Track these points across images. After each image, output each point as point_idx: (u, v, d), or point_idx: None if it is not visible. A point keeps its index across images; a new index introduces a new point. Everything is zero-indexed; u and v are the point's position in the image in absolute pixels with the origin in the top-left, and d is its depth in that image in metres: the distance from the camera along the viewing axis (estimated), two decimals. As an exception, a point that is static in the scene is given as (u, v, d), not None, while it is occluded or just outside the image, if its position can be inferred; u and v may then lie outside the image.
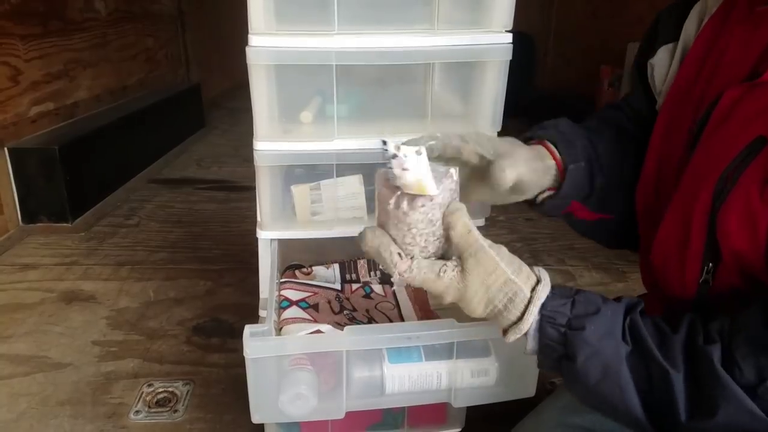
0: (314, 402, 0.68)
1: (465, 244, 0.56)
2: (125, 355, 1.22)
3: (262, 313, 0.97)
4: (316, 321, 0.83)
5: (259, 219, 0.93)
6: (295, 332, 0.79)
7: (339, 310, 0.90)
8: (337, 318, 0.87)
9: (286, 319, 0.83)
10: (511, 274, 0.55)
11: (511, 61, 0.83)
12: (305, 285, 0.94)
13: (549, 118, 0.72)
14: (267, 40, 0.78)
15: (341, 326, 0.74)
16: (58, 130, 1.93)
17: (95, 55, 2.20)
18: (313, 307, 0.89)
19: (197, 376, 1.16)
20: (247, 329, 0.68)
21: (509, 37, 0.83)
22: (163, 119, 2.56)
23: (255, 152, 0.85)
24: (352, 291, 0.96)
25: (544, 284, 0.55)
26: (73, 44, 2.06)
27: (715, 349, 0.49)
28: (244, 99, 0.86)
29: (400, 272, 0.57)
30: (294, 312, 0.86)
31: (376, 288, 0.97)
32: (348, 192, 0.92)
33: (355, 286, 0.97)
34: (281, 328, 0.81)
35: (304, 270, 0.98)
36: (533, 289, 0.55)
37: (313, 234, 0.93)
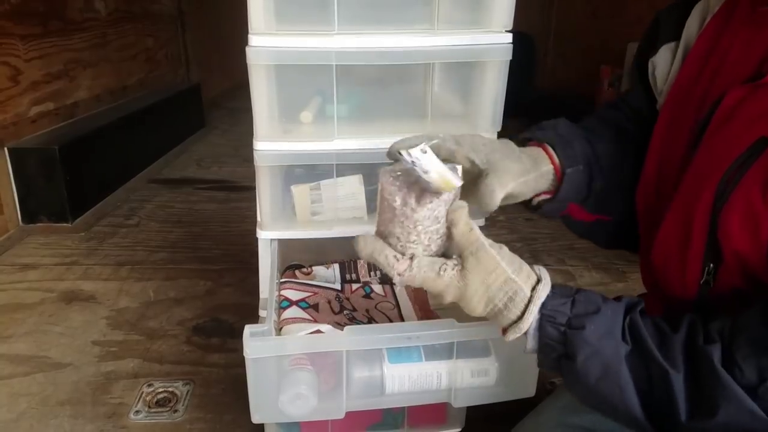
0: (314, 402, 0.68)
1: (466, 242, 0.56)
2: (125, 355, 1.22)
3: (262, 313, 0.97)
4: (316, 321, 0.83)
5: (259, 219, 0.93)
6: (295, 332, 0.79)
7: (339, 310, 0.90)
8: (337, 318, 0.87)
9: (286, 319, 0.83)
10: (512, 273, 0.55)
11: (511, 61, 0.84)
12: (305, 285, 0.94)
13: (549, 118, 0.71)
14: (267, 40, 0.78)
15: (341, 326, 0.74)
16: (58, 130, 1.93)
17: (95, 55, 2.20)
18: (313, 307, 0.89)
19: (197, 376, 1.16)
20: (247, 329, 0.68)
21: (509, 37, 0.83)
22: (163, 119, 2.56)
23: (255, 152, 0.85)
24: (352, 291, 0.96)
25: (545, 283, 0.55)
26: (73, 44, 2.05)
27: (716, 349, 0.48)
28: (244, 99, 0.86)
29: (399, 272, 0.57)
30: (294, 312, 0.86)
31: (376, 288, 0.97)
32: (348, 192, 0.92)
33: (355, 286, 0.97)
34: (281, 328, 0.81)
35: (304, 270, 0.98)
36: (533, 289, 0.55)
37: (313, 234, 0.93)
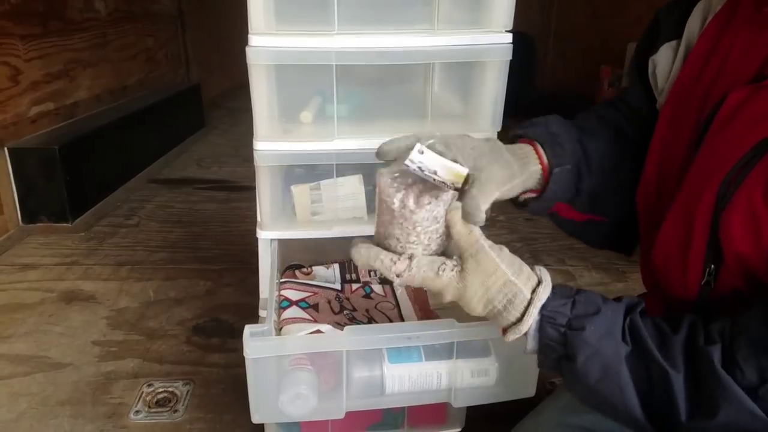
0: (314, 402, 0.68)
1: (465, 243, 0.56)
2: (125, 355, 1.22)
3: (262, 313, 0.97)
4: (316, 321, 0.83)
5: (259, 219, 0.93)
6: (295, 332, 0.78)
7: (339, 310, 0.90)
8: (337, 318, 0.87)
9: (286, 319, 0.83)
10: (512, 275, 0.55)
11: (511, 61, 0.83)
12: (305, 285, 0.94)
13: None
14: (267, 40, 0.78)
15: (341, 326, 0.74)
16: (58, 130, 1.93)
17: (95, 55, 2.20)
18: (313, 307, 0.89)
19: (197, 376, 1.16)
20: (247, 329, 0.68)
21: (509, 37, 0.83)
22: (163, 119, 2.56)
23: (255, 152, 0.85)
24: (352, 291, 0.96)
25: (545, 285, 0.55)
26: (73, 44, 2.05)
27: (716, 349, 0.48)
28: (244, 99, 0.86)
29: (399, 273, 0.57)
30: (294, 312, 0.85)
31: (376, 288, 0.97)
32: (348, 192, 0.92)
33: (355, 286, 0.97)
34: (281, 328, 0.81)
35: (304, 270, 0.98)
36: (534, 291, 0.55)
37: (313, 234, 0.93)
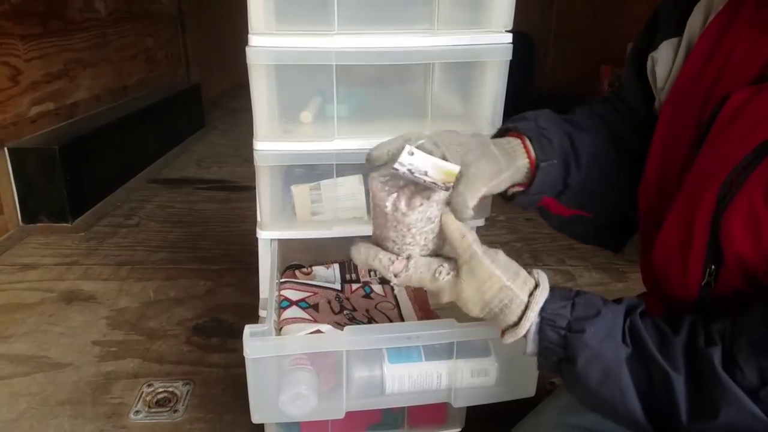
0: (314, 402, 0.68)
1: (459, 249, 0.56)
2: (125, 355, 1.22)
3: (262, 313, 0.97)
4: (316, 321, 0.83)
5: (259, 219, 0.93)
6: (295, 332, 0.79)
7: (339, 310, 0.90)
8: (337, 318, 0.87)
9: (286, 319, 0.83)
10: (507, 280, 0.55)
11: (511, 61, 0.83)
12: (305, 285, 0.94)
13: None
14: (267, 40, 0.78)
15: (341, 326, 0.74)
16: (58, 130, 1.93)
17: (95, 55, 2.20)
18: (313, 307, 0.89)
19: (197, 376, 1.16)
20: (247, 329, 0.68)
21: (509, 37, 0.83)
22: (163, 119, 2.56)
23: (255, 152, 0.85)
24: (352, 291, 0.96)
25: (543, 288, 0.55)
26: (73, 44, 2.05)
27: (716, 350, 0.48)
28: (244, 99, 0.86)
29: (396, 273, 0.57)
30: (294, 312, 0.85)
31: (376, 288, 0.97)
32: (348, 192, 0.92)
33: (355, 286, 0.97)
34: (281, 328, 0.81)
35: (304, 270, 0.98)
36: (531, 294, 0.55)
37: (313, 234, 0.93)
